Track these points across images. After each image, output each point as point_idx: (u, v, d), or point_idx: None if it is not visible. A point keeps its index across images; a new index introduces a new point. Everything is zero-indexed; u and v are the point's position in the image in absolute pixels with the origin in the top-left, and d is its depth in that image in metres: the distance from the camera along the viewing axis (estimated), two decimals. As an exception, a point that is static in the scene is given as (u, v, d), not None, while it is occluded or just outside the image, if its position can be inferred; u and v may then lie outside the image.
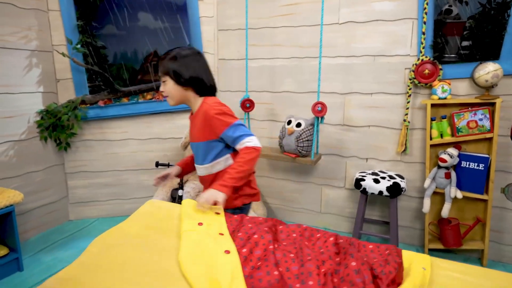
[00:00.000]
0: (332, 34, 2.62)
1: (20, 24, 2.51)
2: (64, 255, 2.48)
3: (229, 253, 0.96)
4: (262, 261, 0.93)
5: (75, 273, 0.94)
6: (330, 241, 1.07)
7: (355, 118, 2.68)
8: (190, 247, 1.02)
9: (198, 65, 1.55)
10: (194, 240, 1.06)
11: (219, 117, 1.46)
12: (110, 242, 1.11)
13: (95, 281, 0.92)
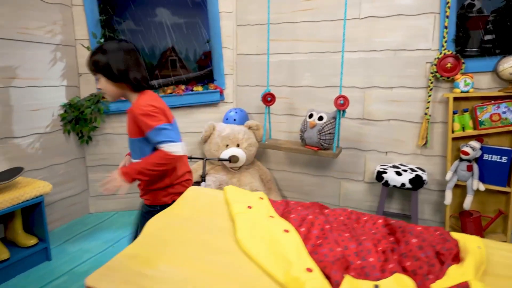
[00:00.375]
0: (352, 28, 2.65)
1: (46, 18, 2.54)
2: (89, 246, 2.52)
3: (288, 232, 0.99)
4: (321, 239, 0.96)
5: (138, 250, 0.97)
6: (379, 223, 1.11)
7: (375, 112, 2.71)
8: (246, 227, 1.05)
9: (128, 59, 1.50)
10: (248, 221, 1.09)
11: (143, 118, 1.44)
12: (164, 223, 1.14)
13: (158, 256, 0.95)
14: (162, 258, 0.94)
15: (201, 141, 2.94)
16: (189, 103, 3.03)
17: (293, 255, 0.88)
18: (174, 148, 1.42)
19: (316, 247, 0.93)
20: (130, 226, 2.83)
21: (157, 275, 0.86)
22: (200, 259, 0.94)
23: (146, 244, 1.02)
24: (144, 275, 0.86)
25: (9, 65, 2.32)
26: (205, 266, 0.91)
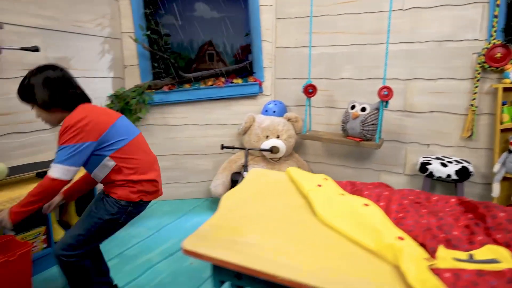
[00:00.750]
0: (395, 20, 2.63)
1: (96, 12, 2.63)
2: (135, 232, 2.60)
3: (368, 206, 1.01)
4: (403, 213, 0.98)
5: (222, 222, 1.01)
6: (452, 201, 1.11)
7: (417, 104, 2.68)
8: (323, 202, 1.07)
9: (55, 85, 1.47)
10: (323, 196, 1.11)
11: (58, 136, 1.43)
12: (237, 200, 1.18)
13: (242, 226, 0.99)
14: (247, 228, 0.97)
15: (241, 132, 2.98)
16: (228, 95, 3.08)
17: (380, 226, 0.90)
18: (51, 171, 1.38)
19: (399, 219, 0.95)
20: (170, 215, 2.91)
21: (250, 242, 0.90)
22: (284, 230, 0.97)
23: (227, 216, 1.05)
24: (236, 241, 0.90)
25: (64, 56, 2.42)
26: (292, 236, 0.94)
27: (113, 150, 1.49)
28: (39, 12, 2.23)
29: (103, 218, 1.52)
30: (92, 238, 1.54)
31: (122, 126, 1.57)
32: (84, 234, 1.51)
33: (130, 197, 1.52)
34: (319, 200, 1.08)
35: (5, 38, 2.03)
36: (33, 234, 2.04)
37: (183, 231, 2.62)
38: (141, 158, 1.59)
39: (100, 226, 1.53)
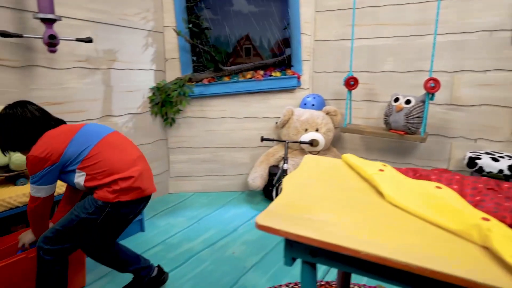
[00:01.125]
0: (442, 10, 2.54)
1: (141, 5, 2.70)
2: (175, 221, 2.64)
3: (441, 188, 0.98)
4: (479, 196, 0.94)
5: (288, 201, 1.01)
6: (527, 188, 1.06)
7: (464, 97, 2.59)
8: (390, 185, 1.05)
9: (15, 128, 1.48)
10: (389, 179, 1.09)
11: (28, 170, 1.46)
12: (299, 183, 1.17)
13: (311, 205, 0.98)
14: (318, 208, 0.96)
15: (279, 125, 2.97)
16: (266, 88, 3.08)
17: (459, 205, 0.87)
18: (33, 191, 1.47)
19: (477, 202, 0.91)
20: (208, 206, 2.94)
21: (324, 220, 0.89)
22: (355, 210, 0.95)
23: (292, 196, 1.05)
24: (309, 219, 0.89)
25: (111, 49, 2.49)
26: (364, 215, 0.92)
27: (78, 163, 1.49)
28: (91, 5, 2.31)
29: (80, 216, 1.50)
30: (67, 234, 1.51)
31: (84, 134, 1.54)
32: (59, 229, 1.50)
33: (107, 197, 1.48)
34: (385, 183, 1.06)
35: (60, 30, 2.11)
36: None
37: (222, 222, 2.65)
38: (114, 157, 1.53)
39: (76, 224, 1.50)
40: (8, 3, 1.89)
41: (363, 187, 1.13)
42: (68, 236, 1.51)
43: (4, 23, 1.88)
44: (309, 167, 1.33)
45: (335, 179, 1.21)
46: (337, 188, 1.12)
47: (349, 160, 1.34)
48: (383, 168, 1.21)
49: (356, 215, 0.92)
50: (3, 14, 1.87)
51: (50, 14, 1.88)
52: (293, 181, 1.18)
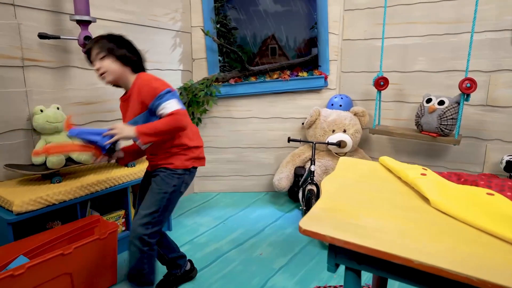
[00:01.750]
0: (480, 7, 2.43)
1: (170, 6, 2.73)
2: (202, 220, 2.66)
3: (494, 195, 0.93)
4: (537, 204, 0.89)
5: (329, 205, 0.98)
6: None
7: (502, 98, 2.48)
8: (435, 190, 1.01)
9: (129, 45, 1.59)
10: (434, 184, 1.05)
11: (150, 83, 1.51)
12: (339, 185, 1.14)
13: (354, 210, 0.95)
14: (360, 211, 0.94)
15: (306, 126, 2.94)
16: (293, 88, 3.05)
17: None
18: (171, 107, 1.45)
19: (534, 211, 0.86)
20: (234, 206, 2.94)
21: (368, 225, 0.86)
22: (400, 215, 0.92)
23: (333, 200, 1.02)
24: (353, 224, 0.87)
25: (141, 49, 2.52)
26: (411, 221, 0.88)
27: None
28: (123, 7, 2.35)
29: (168, 191, 1.57)
30: (164, 213, 1.59)
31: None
32: (157, 210, 1.55)
33: (185, 164, 1.60)
34: (430, 188, 1.02)
35: (93, 31, 2.15)
36: (114, 216, 2.15)
37: (248, 222, 2.64)
38: (190, 125, 1.65)
39: (167, 200, 1.58)
40: (46, 6, 1.94)
41: (406, 191, 1.09)
42: (165, 213, 1.60)
43: (42, 25, 1.93)
44: (346, 169, 1.30)
45: (375, 182, 1.18)
46: (378, 191, 1.09)
47: (387, 164, 1.30)
48: (425, 172, 1.17)
49: (402, 220, 0.89)
50: (41, 16, 1.93)
51: (86, 16, 1.92)
52: (332, 184, 1.15)
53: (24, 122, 1.92)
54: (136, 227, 1.54)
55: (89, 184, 1.90)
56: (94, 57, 1.53)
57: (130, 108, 1.57)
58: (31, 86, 1.93)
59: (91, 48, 1.54)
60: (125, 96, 1.63)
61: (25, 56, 1.88)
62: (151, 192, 1.59)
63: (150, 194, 1.59)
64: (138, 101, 1.53)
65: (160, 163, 1.61)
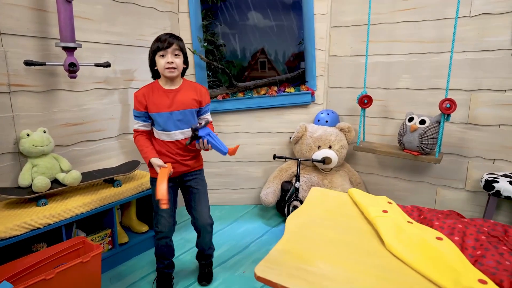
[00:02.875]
0: (460, 27, 2.49)
1: (158, 25, 2.78)
2: (188, 236, 2.70)
3: (442, 240, 0.98)
4: (481, 250, 0.93)
5: (288, 246, 1.03)
6: (534, 237, 1.04)
7: (482, 117, 2.53)
8: (391, 231, 1.05)
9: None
10: (391, 225, 1.09)
11: (207, 94, 1.99)
12: (303, 222, 1.19)
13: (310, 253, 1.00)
14: (314, 255, 0.99)
15: (293, 141, 2.99)
16: (280, 104, 3.10)
17: (457, 264, 0.87)
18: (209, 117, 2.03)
19: (477, 258, 0.91)
20: (221, 220, 2.99)
21: (319, 272, 0.90)
22: (353, 259, 0.97)
23: (294, 241, 1.07)
24: (306, 270, 0.91)
25: (129, 69, 2.58)
26: (362, 267, 0.93)
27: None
28: (110, 29, 2.40)
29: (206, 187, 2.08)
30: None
31: None
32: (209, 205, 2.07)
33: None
34: (387, 229, 1.07)
35: (80, 54, 2.21)
36: (101, 236, 2.20)
37: (234, 238, 2.69)
38: None
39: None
40: (33, 32, 1.99)
41: (366, 230, 1.14)
42: None
43: (29, 51, 1.98)
44: (314, 202, 1.35)
45: (339, 219, 1.22)
46: (339, 231, 1.13)
47: (354, 198, 1.35)
48: (387, 209, 1.21)
49: (354, 266, 0.94)
50: (28, 42, 1.98)
51: (71, 43, 1.97)
52: (297, 220, 1.20)
53: (11, 146, 1.97)
54: (206, 218, 2.00)
55: (74, 207, 1.95)
56: (171, 51, 1.79)
57: (180, 100, 1.87)
58: (18, 111, 1.98)
59: (172, 43, 1.79)
60: (173, 90, 1.88)
61: (11, 82, 1.93)
62: (201, 193, 2.02)
63: (201, 195, 2.02)
64: (195, 99, 1.90)
65: (194, 166, 1.99)
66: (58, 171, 2.08)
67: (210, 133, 1.83)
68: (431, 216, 1.14)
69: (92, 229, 2.24)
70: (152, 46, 1.86)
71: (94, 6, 2.29)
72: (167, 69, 1.80)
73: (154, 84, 1.91)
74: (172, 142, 1.89)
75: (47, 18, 2.03)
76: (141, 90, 1.91)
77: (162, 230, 1.97)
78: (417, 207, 1.26)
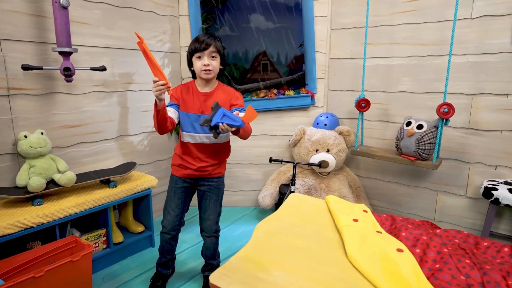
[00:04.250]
0: (461, 30, 2.43)
1: (158, 29, 2.82)
2: (185, 238, 2.74)
3: (403, 252, 0.96)
4: (440, 263, 0.91)
5: (250, 253, 1.03)
6: (505, 251, 1.01)
7: (483, 121, 2.45)
8: (355, 242, 1.04)
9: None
10: (356, 235, 1.08)
11: (241, 98, 1.95)
12: (272, 229, 1.19)
13: (270, 261, 1.00)
14: (274, 263, 0.99)
15: (291, 144, 2.98)
16: (280, 106, 3.09)
17: (411, 278, 0.86)
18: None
19: (435, 271, 0.89)
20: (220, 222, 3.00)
21: (272, 280, 0.91)
22: (311, 268, 0.97)
23: (258, 248, 1.08)
24: (260, 278, 0.92)
25: (128, 72, 2.63)
26: (317, 276, 0.93)
27: None
28: (108, 33, 2.46)
29: (223, 193, 2.06)
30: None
31: None
32: (220, 211, 2.06)
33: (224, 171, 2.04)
34: (352, 239, 1.06)
35: (78, 58, 2.27)
36: (96, 235, 2.26)
37: (230, 240, 2.71)
38: None
39: (221, 202, 2.06)
40: (31, 38, 2.06)
41: (333, 238, 1.13)
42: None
43: (27, 56, 2.05)
44: (290, 209, 1.35)
45: (310, 227, 1.22)
46: (307, 239, 1.13)
47: (329, 205, 1.34)
48: (358, 217, 1.20)
49: (310, 275, 0.93)
50: (26, 47, 2.05)
51: (67, 48, 2.03)
52: (267, 227, 1.20)
53: (10, 147, 2.04)
54: (211, 225, 2.01)
55: (68, 207, 2.00)
56: (208, 53, 1.79)
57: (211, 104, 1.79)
58: (16, 113, 2.05)
59: (210, 44, 1.78)
60: (205, 93, 1.89)
61: (10, 86, 2.01)
62: (211, 200, 2.00)
63: (212, 203, 2.00)
64: (226, 103, 1.86)
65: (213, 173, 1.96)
66: (55, 171, 2.14)
67: (224, 113, 1.62)
68: (401, 226, 1.12)
69: (88, 228, 2.30)
70: (189, 46, 1.85)
71: (92, 11, 2.34)
72: (203, 71, 1.80)
73: (190, 84, 1.93)
74: (194, 144, 1.90)
75: (44, 23, 2.10)
76: (179, 87, 1.95)
77: (165, 225, 2.05)
78: (392, 216, 1.24)
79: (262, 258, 1.01)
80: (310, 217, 1.27)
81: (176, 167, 2.00)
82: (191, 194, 2.11)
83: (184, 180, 1.99)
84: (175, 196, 2.01)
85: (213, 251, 2.09)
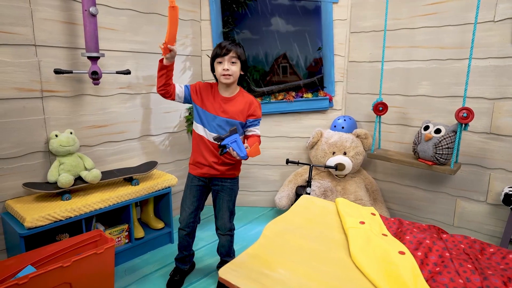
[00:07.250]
0: (483, 33, 2.39)
1: (181, 33, 2.93)
2: (203, 235, 2.83)
3: (404, 254, 0.99)
4: (440, 267, 0.94)
5: (258, 251, 1.09)
6: (510, 258, 1.02)
7: (506, 127, 2.40)
8: (360, 243, 1.08)
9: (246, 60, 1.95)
10: (362, 237, 1.12)
11: (259, 109, 1.97)
12: (280, 229, 1.24)
13: (276, 259, 1.05)
14: (279, 261, 1.04)
15: (308, 147, 3.02)
16: (298, 109, 3.14)
17: (410, 280, 0.89)
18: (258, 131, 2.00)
19: (434, 274, 0.92)
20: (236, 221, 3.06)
21: (276, 277, 0.96)
22: (314, 268, 1.01)
23: (265, 246, 1.13)
24: (265, 274, 0.98)
25: (151, 75, 2.75)
26: (319, 275, 0.98)
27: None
28: (133, 38, 2.58)
29: (236, 194, 2.16)
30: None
31: None
32: (233, 211, 2.17)
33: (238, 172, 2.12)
34: (356, 240, 1.09)
35: (105, 62, 2.41)
36: (118, 230, 2.38)
37: (246, 239, 2.77)
38: None
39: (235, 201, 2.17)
40: (63, 43, 2.21)
41: (339, 239, 1.17)
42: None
43: (60, 60, 2.20)
44: (298, 210, 1.40)
45: (317, 228, 1.26)
46: (313, 240, 1.18)
47: (338, 207, 1.38)
48: (366, 220, 1.24)
49: (312, 274, 0.98)
50: (58, 52, 2.19)
51: (95, 53, 2.16)
52: (275, 227, 1.26)
53: (42, 145, 2.20)
54: (226, 224, 2.12)
55: (93, 202, 2.14)
56: (228, 58, 1.86)
57: (229, 109, 1.93)
58: (48, 114, 2.20)
59: (230, 50, 1.85)
60: (225, 97, 1.95)
61: (43, 88, 2.16)
62: (224, 200, 2.09)
63: (226, 203, 2.09)
64: (243, 112, 1.92)
65: (226, 174, 2.03)
66: (82, 169, 2.28)
67: (237, 140, 1.68)
68: (406, 229, 1.15)
69: (112, 223, 2.43)
70: (212, 52, 1.93)
71: (119, 17, 2.47)
72: (223, 75, 1.88)
73: (214, 86, 2.01)
74: (206, 139, 1.96)
75: (75, 30, 2.24)
76: (204, 83, 2.03)
77: (180, 221, 2.16)
78: (400, 220, 1.27)
79: (269, 256, 1.07)
80: (317, 219, 1.32)
81: (192, 166, 2.09)
82: (206, 193, 2.18)
83: (200, 179, 2.07)
84: (190, 194, 2.10)
85: (228, 248, 2.17)
